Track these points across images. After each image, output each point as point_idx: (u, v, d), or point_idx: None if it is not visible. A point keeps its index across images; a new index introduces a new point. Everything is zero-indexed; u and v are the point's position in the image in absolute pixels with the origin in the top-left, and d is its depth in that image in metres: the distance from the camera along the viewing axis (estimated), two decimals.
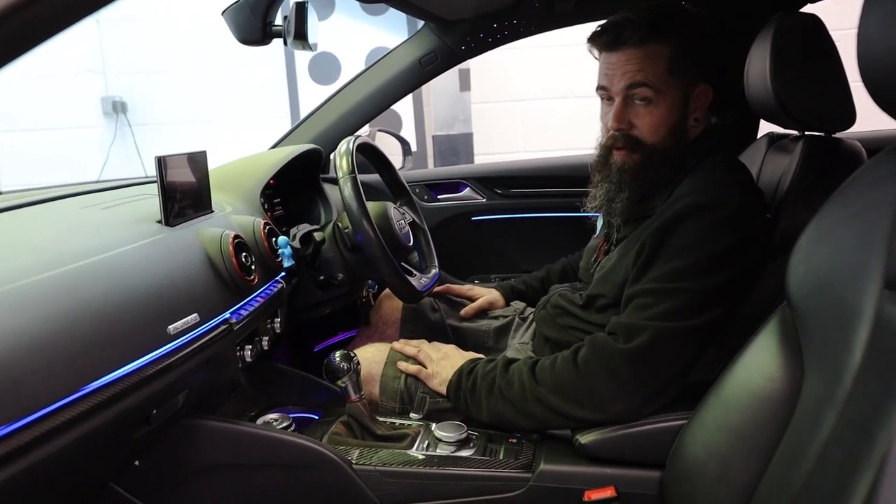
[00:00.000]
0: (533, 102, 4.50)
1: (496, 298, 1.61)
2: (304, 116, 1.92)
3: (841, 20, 1.49)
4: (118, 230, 1.00)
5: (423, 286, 1.43)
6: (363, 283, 1.57)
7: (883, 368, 0.62)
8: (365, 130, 1.97)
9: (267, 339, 1.22)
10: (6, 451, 0.65)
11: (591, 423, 1.10)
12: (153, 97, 4.85)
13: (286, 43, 1.47)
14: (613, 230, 1.30)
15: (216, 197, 1.24)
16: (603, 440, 1.07)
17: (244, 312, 1.08)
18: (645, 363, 1.06)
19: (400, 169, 1.69)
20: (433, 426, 1.16)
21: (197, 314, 0.96)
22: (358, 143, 1.40)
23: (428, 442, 1.15)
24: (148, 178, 1.47)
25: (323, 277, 1.41)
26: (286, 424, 1.16)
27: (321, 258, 1.41)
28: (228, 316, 1.04)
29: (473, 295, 1.63)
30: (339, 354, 1.16)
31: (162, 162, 1.03)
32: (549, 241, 2.03)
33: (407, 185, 1.65)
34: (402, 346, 1.33)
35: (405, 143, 2.22)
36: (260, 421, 1.18)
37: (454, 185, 2.12)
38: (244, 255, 1.12)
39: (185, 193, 1.11)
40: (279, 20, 1.47)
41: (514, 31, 1.80)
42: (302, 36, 1.44)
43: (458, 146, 4.45)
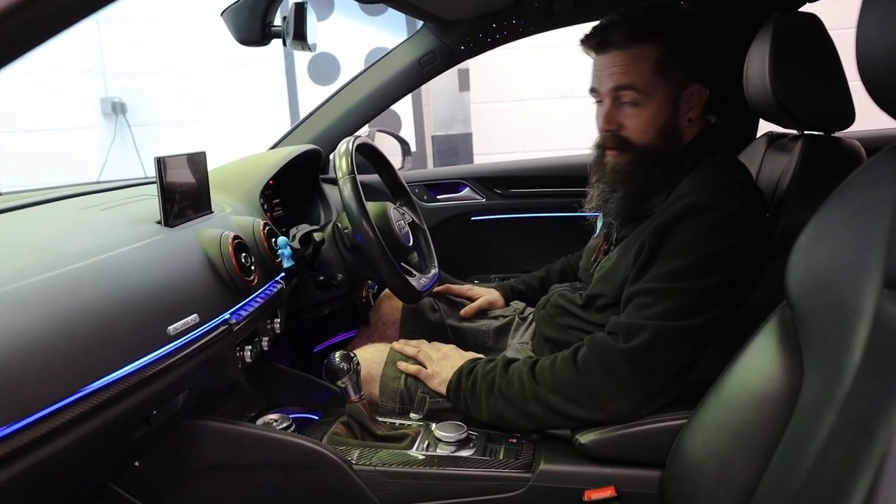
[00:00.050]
0: (532, 102, 4.50)
1: (496, 298, 1.62)
2: (303, 117, 1.92)
3: (840, 19, 1.48)
4: (118, 231, 1.00)
5: (422, 286, 1.43)
6: (363, 283, 1.57)
7: (882, 368, 0.62)
8: (364, 131, 1.97)
9: (267, 339, 1.22)
10: (6, 451, 0.65)
11: (590, 422, 1.10)
12: (153, 98, 4.85)
13: (285, 43, 1.47)
14: (613, 230, 1.30)
15: (216, 197, 1.24)
16: (603, 440, 1.07)
17: (244, 313, 1.08)
18: (644, 363, 1.06)
19: (399, 169, 1.69)
20: (433, 426, 1.16)
21: (197, 315, 0.96)
22: (357, 143, 1.40)
23: (428, 442, 1.15)
24: (147, 178, 1.47)
25: (322, 278, 1.41)
26: (286, 425, 1.16)
27: (321, 258, 1.41)
28: (228, 316, 1.04)
29: (473, 295, 1.63)
30: (338, 355, 1.16)
31: (161, 163, 1.03)
32: (548, 241, 2.03)
33: (406, 185, 1.65)
34: (401, 346, 1.33)
35: (404, 143, 2.22)
36: (260, 421, 1.18)
37: (454, 185, 2.12)
38: (244, 255, 1.12)
39: (184, 194, 1.11)
40: (278, 20, 1.47)
41: (513, 31, 1.80)
42: (301, 36, 1.44)
43: (457, 146, 4.45)
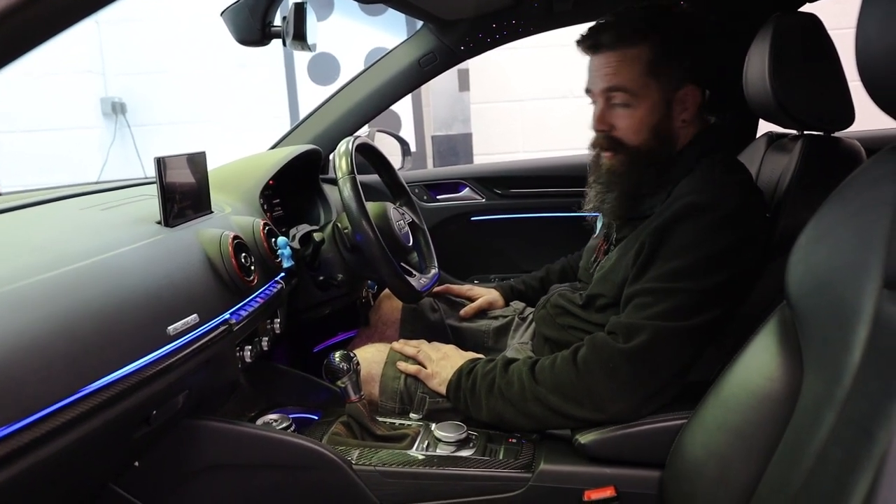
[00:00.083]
0: (532, 102, 4.51)
1: (496, 298, 1.62)
2: (303, 117, 1.92)
3: (840, 19, 1.49)
4: (118, 231, 1.00)
5: (422, 286, 1.43)
6: (363, 283, 1.57)
7: (882, 368, 0.62)
8: (364, 131, 1.97)
9: (267, 339, 1.22)
10: (6, 451, 0.65)
11: (590, 422, 1.10)
12: (152, 98, 4.85)
13: (285, 43, 1.47)
14: (612, 230, 1.30)
15: (215, 197, 1.24)
16: (602, 440, 1.07)
17: (244, 313, 1.09)
18: (644, 363, 1.06)
19: (399, 169, 1.69)
20: (433, 426, 1.17)
21: (196, 315, 0.96)
22: (357, 143, 1.40)
23: (428, 442, 1.15)
24: (147, 178, 1.47)
25: (322, 278, 1.41)
26: (286, 425, 1.16)
27: (321, 259, 1.41)
28: (228, 316, 1.04)
29: (473, 295, 1.63)
30: (338, 355, 1.16)
31: (161, 163, 1.03)
32: (548, 241, 2.03)
33: (406, 185, 1.65)
34: (401, 346, 1.33)
35: (404, 143, 2.22)
36: (260, 421, 1.18)
37: (453, 185, 2.12)
38: (244, 255, 1.12)
39: (184, 194, 1.11)
40: (278, 21, 1.47)
41: (512, 31, 1.80)
42: (301, 36, 1.44)
43: (457, 146, 4.45)
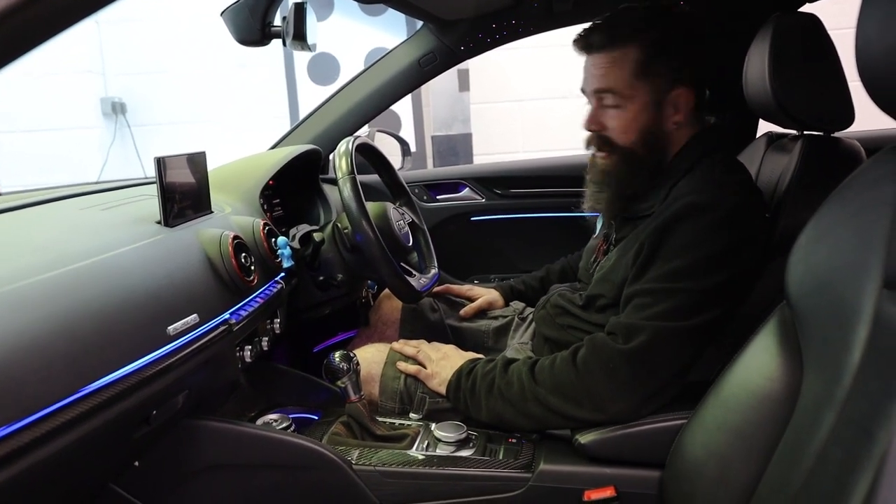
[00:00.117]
0: (532, 103, 4.51)
1: (495, 298, 1.62)
2: (303, 117, 1.92)
3: (839, 19, 1.49)
4: (118, 231, 1.00)
5: (422, 286, 1.43)
6: (363, 283, 1.57)
7: (882, 368, 0.62)
8: (364, 131, 1.97)
9: (266, 339, 1.22)
10: (6, 451, 0.65)
11: (590, 423, 1.10)
12: (152, 98, 4.85)
13: (285, 43, 1.46)
14: (612, 230, 1.30)
15: (215, 197, 1.24)
16: (602, 440, 1.07)
17: (244, 313, 1.08)
18: (644, 363, 1.06)
19: (399, 169, 1.69)
20: (433, 426, 1.16)
21: (196, 315, 0.96)
22: (357, 143, 1.40)
23: (428, 442, 1.15)
24: (147, 178, 1.47)
25: (322, 278, 1.41)
26: (286, 425, 1.16)
27: (320, 259, 1.41)
28: (228, 316, 1.04)
29: (473, 295, 1.63)
30: (338, 355, 1.16)
31: (161, 163, 1.03)
32: (548, 241, 2.03)
33: (406, 185, 1.65)
34: (401, 346, 1.33)
35: (404, 143, 2.21)
36: (260, 421, 1.18)
37: (453, 185, 2.12)
38: (244, 255, 1.12)
39: (184, 194, 1.11)
40: (278, 21, 1.47)
41: (512, 31, 1.80)
42: (301, 36, 1.44)
43: (457, 146, 4.45)
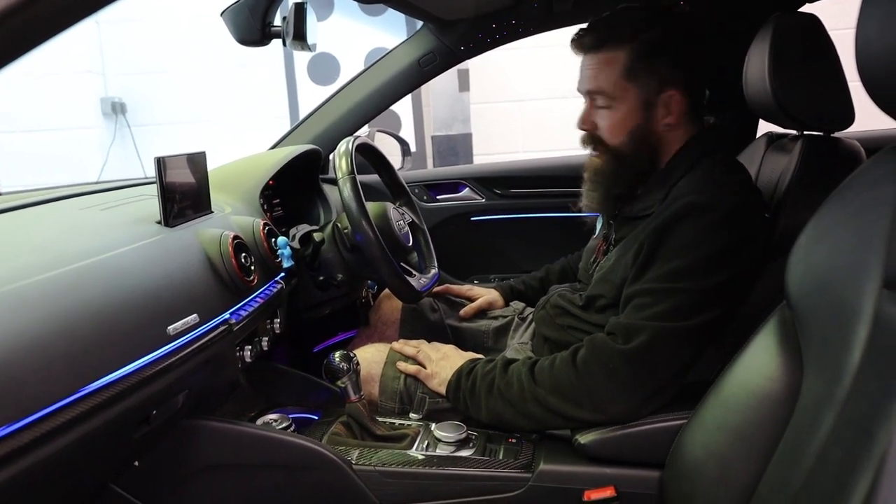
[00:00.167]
0: (532, 103, 4.51)
1: (495, 298, 1.62)
2: (303, 117, 1.92)
3: (840, 19, 1.49)
4: (118, 231, 1.00)
5: (422, 286, 1.43)
6: (363, 283, 1.57)
7: (882, 368, 0.62)
8: (364, 131, 1.97)
9: (266, 339, 1.22)
10: (6, 451, 0.65)
11: (590, 423, 1.10)
12: (152, 98, 4.85)
13: (285, 43, 1.46)
14: (612, 231, 1.31)
15: (215, 197, 1.24)
16: (602, 440, 1.07)
17: (244, 313, 1.08)
18: (644, 363, 1.06)
19: (399, 169, 1.69)
20: (433, 426, 1.16)
21: (196, 315, 0.96)
22: (357, 143, 1.40)
23: (427, 442, 1.15)
24: (147, 178, 1.47)
25: (322, 278, 1.41)
26: (286, 425, 1.16)
27: (320, 259, 1.41)
28: (228, 316, 1.04)
29: (473, 295, 1.63)
30: (338, 355, 1.16)
31: (161, 163, 1.03)
32: (548, 241, 2.03)
33: (406, 185, 1.65)
34: (401, 346, 1.33)
35: (404, 143, 2.21)
36: (260, 421, 1.18)
37: (453, 185, 2.12)
38: (244, 255, 1.12)
39: (184, 194, 1.11)
40: (278, 21, 1.47)
41: (512, 31, 1.80)
42: (301, 36, 1.44)
43: (457, 146, 4.45)
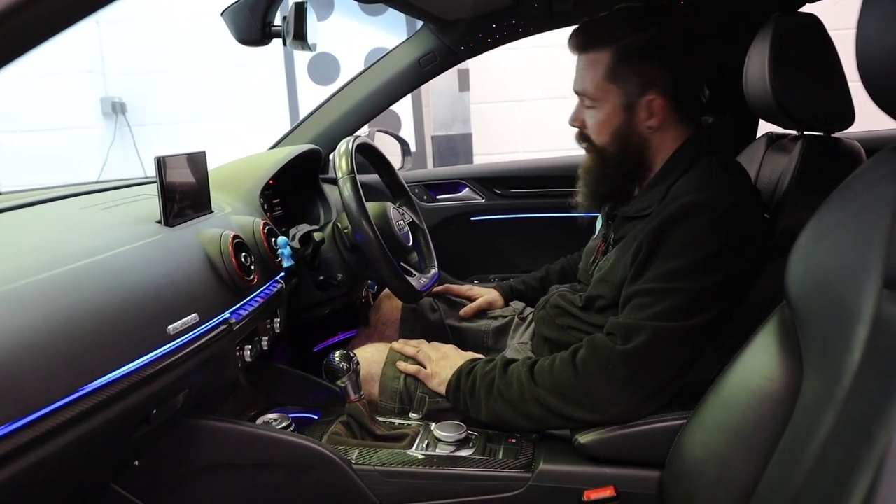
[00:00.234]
0: (532, 103, 4.50)
1: (495, 298, 1.62)
2: (303, 117, 1.92)
3: (840, 19, 1.49)
4: (118, 230, 1.00)
5: (422, 286, 1.43)
6: (363, 283, 1.57)
7: (882, 368, 0.62)
8: (364, 131, 1.97)
9: (266, 339, 1.22)
10: (6, 451, 0.65)
11: (589, 423, 1.10)
12: (152, 97, 4.85)
13: (285, 43, 1.47)
14: (611, 231, 1.31)
15: (216, 197, 1.24)
16: (602, 440, 1.07)
17: (244, 312, 1.09)
18: (643, 363, 1.06)
19: (399, 169, 1.69)
20: (432, 426, 1.16)
21: (196, 314, 0.96)
22: (357, 143, 1.40)
23: (427, 442, 1.15)
24: (147, 178, 1.47)
25: (322, 277, 1.41)
26: (286, 424, 1.16)
27: (321, 258, 1.41)
28: (228, 316, 1.04)
29: (473, 295, 1.63)
30: (338, 354, 1.16)
31: (161, 162, 1.03)
32: (548, 241, 2.03)
33: (406, 185, 1.65)
34: (401, 346, 1.33)
35: (404, 143, 2.22)
36: (260, 421, 1.18)
37: (453, 185, 2.12)
38: (244, 255, 1.12)
39: (184, 194, 1.11)
40: (278, 20, 1.47)
41: (512, 31, 1.80)
42: (301, 36, 1.44)
43: (457, 146, 4.45)
